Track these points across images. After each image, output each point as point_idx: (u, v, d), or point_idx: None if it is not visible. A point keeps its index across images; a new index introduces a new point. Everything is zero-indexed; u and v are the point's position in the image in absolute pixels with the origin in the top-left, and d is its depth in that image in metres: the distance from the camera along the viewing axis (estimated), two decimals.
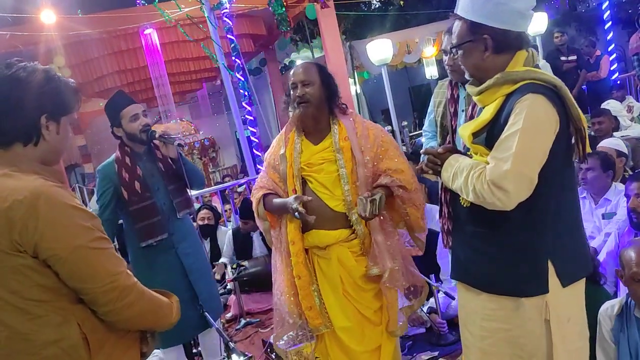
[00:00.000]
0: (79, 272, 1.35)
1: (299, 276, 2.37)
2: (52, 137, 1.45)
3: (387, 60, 7.53)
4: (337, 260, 2.36)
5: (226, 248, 4.96)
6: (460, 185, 1.70)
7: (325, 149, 2.39)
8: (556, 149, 1.63)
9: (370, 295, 2.41)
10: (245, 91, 6.14)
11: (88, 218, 1.39)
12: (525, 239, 1.70)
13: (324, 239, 2.37)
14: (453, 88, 2.46)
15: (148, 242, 2.91)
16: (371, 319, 2.42)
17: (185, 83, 8.74)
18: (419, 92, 14.01)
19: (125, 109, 2.90)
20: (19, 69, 1.40)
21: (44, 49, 6.83)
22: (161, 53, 7.33)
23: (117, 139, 3.00)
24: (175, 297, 1.65)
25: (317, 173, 2.37)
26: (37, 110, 1.41)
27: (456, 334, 3.24)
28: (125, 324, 1.46)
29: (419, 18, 10.97)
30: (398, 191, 2.31)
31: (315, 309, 2.38)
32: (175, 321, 1.60)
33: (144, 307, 1.46)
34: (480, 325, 1.84)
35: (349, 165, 2.34)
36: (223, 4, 5.90)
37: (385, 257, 2.31)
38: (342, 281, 2.38)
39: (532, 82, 1.64)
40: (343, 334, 2.39)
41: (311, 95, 2.34)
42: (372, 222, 2.31)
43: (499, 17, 1.66)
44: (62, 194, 1.37)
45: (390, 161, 2.34)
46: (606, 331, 2.26)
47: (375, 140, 2.37)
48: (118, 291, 1.39)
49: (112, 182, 2.90)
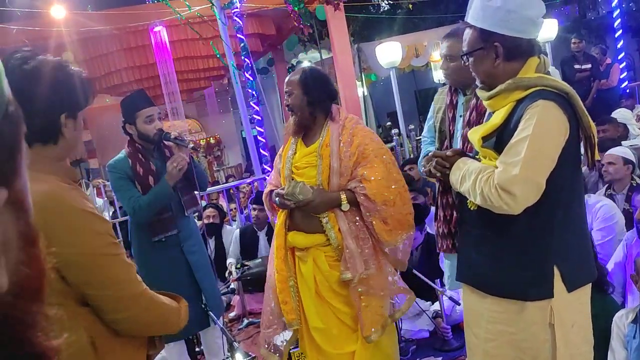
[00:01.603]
0: (87, 279, 1.31)
1: (278, 270, 2.48)
2: (70, 134, 1.40)
3: (395, 63, 7.52)
4: (312, 262, 2.43)
5: (233, 247, 4.96)
6: (468, 188, 1.71)
7: (311, 153, 2.47)
8: (565, 155, 1.64)
9: (345, 301, 2.45)
10: (254, 91, 6.15)
11: (100, 223, 1.35)
12: (532, 244, 1.71)
13: (302, 241, 2.46)
14: (452, 94, 2.48)
15: (160, 237, 2.93)
16: (347, 324, 2.46)
17: (193, 81, 8.74)
18: (425, 96, 13.98)
19: (142, 110, 2.91)
20: (38, 63, 1.30)
21: (53, 44, 6.85)
22: (170, 51, 7.35)
23: (126, 135, 3.01)
24: (184, 301, 1.61)
25: (300, 176, 2.46)
26: (58, 108, 1.35)
27: (460, 339, 3.22)
28: (132, 332, 1.42)
29: (428, 22, 10.96)
30: (361, 198, 2.34)
31: (290, 305, 2.46)
32: (183, 325, 1.57)
33: (150, 316, 1.43)
34: (485, 328, 1.85)
35: (326, 172, 2.40)
36: (234, 3, 5.91)
37: (356, 263, 2.34)
38: (317, 283, 2.44)
39: (543, 88, 1.65)
40: (316, 334, 2.45)
41: (293, 105, 2.46)
42: (343, 227, 2.37)
43: (509, 24, 1.67)
44: (75, 197, 1.32)
45: (364, 168, 2.38)
46: (619, 337, 2.29)
47: (358, 147, 2.40)
48: (125, 300, 1.35)
49: (126, 174, 2.91)
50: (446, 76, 2.43)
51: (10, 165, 0.45)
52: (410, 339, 3.43)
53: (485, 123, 1.82)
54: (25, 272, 0.47)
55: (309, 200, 2.32)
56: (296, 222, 2.47)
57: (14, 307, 0.46)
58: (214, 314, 2.96)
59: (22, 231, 0.47)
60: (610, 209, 3.28)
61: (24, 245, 0.47)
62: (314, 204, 2.35)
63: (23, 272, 0.46)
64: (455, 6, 10.22)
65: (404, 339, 3.38)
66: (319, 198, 2.35)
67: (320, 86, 2.47)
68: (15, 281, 0.45)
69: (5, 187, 0.44)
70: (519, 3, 1.65)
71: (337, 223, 2.39)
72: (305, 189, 2.32)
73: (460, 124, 2.40)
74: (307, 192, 2.32)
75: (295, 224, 2.48)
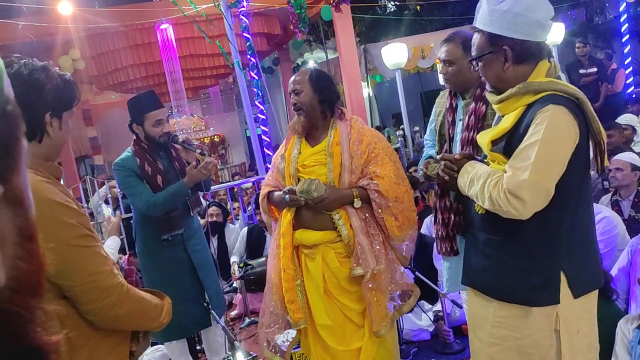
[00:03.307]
0: (58, 269, 1.32)
1: (284, 269, 2.48)
2: (56, 133, 1.44)
3: (401, 65, 7.53)
4: (321, 259, 2.44)
5: (238, 245, 4.97)
6: (477, 191, 1.70)
7: (319, 151, 2.47)
8: (575, 161, 1.63)
9: (354, 297, 2.46)
10: (259, 90, 6.15)
11: (73, 215, 1.37)
12: (539, 249, 1.71)
13: (310, 238, 2.46)
14: (452, 98, 2.49)
15: (167, 235, 2.95)
16: (354, 320, 2.48)
17: (199, 79, 8.76)
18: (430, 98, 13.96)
19: (151, 112, 2.91)
20: (20, 66, 1.37)
21: (60, 40, 6.87)
22: (176, 48, 7.36)
23: (133, 134, 3.02)
24: (167, 298, 1.63)
25: (309, 175, 2.46)
26: (41, 108, 1.40)
27: (462, 342, 3.22)
28: (108, 324, 1.43)
29: (434, 24, 10.96)
30: (373, 194, 2.37)
31: (297, 304, 2.47)
32: (166, 322, 1.58)
33: (128, 309, 1.43)
34: (489, 332, 1.84)
35: (337, 169, 2.42)
36: (240, 2, 5.91)
37: (368, 258, 2.36)
38: (325, 280, 2.45)
39: (553, 93, 1.64)
40: (323, 332, 2.46)
41: (302, 103, 2.45)
42: (355, 224, 2.39)
43: (518, 28, 1.66)
44: (48, 189, 1.35)
45: (376, 166, 2.40)
46: (623, 343, 2.29)
47: (368, 147, 2.43)
48: (99, 291, 1.36)
49: (135, 174, 2.91)
50: (445, 80, 2.45)
51: (8, 162, 0.45)
52: (412, 341, 3.42)
53: (494, 127, 1.81)
54: (24, 267, 0.47)
55: (323, 198, 2.34)
56: (304, 220, 2.48)
57: (12, 301, 0.46)
58: (216, 312, 2.96)
59: (21, 227, 0.47)
60: (612, 221, 3.23)
61: (22, 241, 0.47)
62: (328, 201, 2.36)
63: (21, 267, 0.47)
64: (462, 8, 10.21)
65: (405, 341, 3.37)
66: (333, 195, 2.37)
67: (329, 85, 2.50)
68: (13, 276, 0.45)
69: (1, 184, 0.44)
70: (526, 6, 1.64)
71: (349, 219, 2.40)
72: (320, 186, 2.33)
73: (460, 127, 2.41)
74: (321, 189, 2.33)
75: (302, 222, 2.48)
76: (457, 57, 2.34)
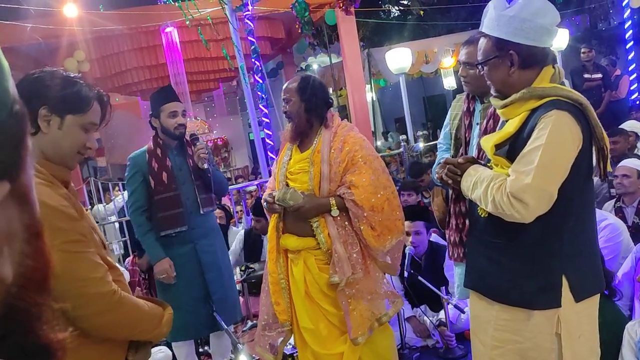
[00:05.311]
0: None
1: (269, 272, 2.57)
2: (53, 132, 1.40)
3: (405, 69, 7.53)
4: (303, 264, 2.49)
5: (234, 247, 4.96)
6: (480, 195, 1.72)
7: (304, 159, 2.52)
8: (577, 166, 1.64)
9: (335, 303, 2.48)
10: (263, 93, 6.16)
11: (65, 219, 1.33)
12: (542, 253, 1.72)
13: (293, 243, 2.52)
14: (469, 101, 2.48)
15: (167, 232, 2.96)
16: (336, 325, 2.50)
17: (203, 82, 8.79)
18: (433, 103, 13.97)
19: (167, 104, 2.99)
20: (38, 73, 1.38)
21: (65, 42, 6.90)
22: (181, 51, 7.38)
23: (152, 129, 3.09)
24: (169, 308, 1.60)
25: (293, 182, 2.52)
26: (35, 100, 1.37)
27: (464, 347, 3.21)
28: (97, 332, 1.39)
29: (438, 28, 10.97)
30: (349, 204, 2.39)
31: (282, 305, 2.54)
32: (166, 332, 1.56)
33: (117, 318, 1.40)
34: (491, 335, 1.85)
35: (317, 177, 2.45)
36: (246, 6, 5.93)
37: (344, 266, 2.37)
38: (307, 284, 2.50)
39: (557, 98, 1.66)
40: (306, 335, 2.51)
41: (290, 112, 2.52)
42: (332, 232, 2.42)
43: (524, 33, 1.67)
44: (42, 190, 1.30)
45: (352, 175, 2.42)
46: (630, 346, 2.30)
47: (348, 154, 2.44)
48: (86, 297, 1.34)
49: (141, 169, 2.96)
50: (465, 83, 2.43)
51: (15, 160, 0.46)
52: (414, 347, 3.41)
53: (498, 131, 1.83)
54: (30, 264, 0.47)
55: (299, 206, 2.39)
56: (289, 226, 2.54)
57: (19, 298, 0.46)
58: (224, 318, 2.93)
59: (27, 224, 0.47)
60: (617, 228, 3.23)
61: (29, 238, 0.47)
62: (304, 209, 2.41)
63: (28, 264, 0.47)
64: (465, 13, 10.21)
65: (408, 346, 3.37)
66: (309, 204, 2.41)
67: (317, 93, 2.52)
68: (20, 273, 0.46)
69: (8, 181, 0.44)
70: (533, 11, 1.66)
71: (326, 227, 2.43)
72: (295, 194, 2.38)
73: (477, 131, 2.40)
74: (298, 197, 2.38)
75: (288, 227, 2.55)
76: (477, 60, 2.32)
